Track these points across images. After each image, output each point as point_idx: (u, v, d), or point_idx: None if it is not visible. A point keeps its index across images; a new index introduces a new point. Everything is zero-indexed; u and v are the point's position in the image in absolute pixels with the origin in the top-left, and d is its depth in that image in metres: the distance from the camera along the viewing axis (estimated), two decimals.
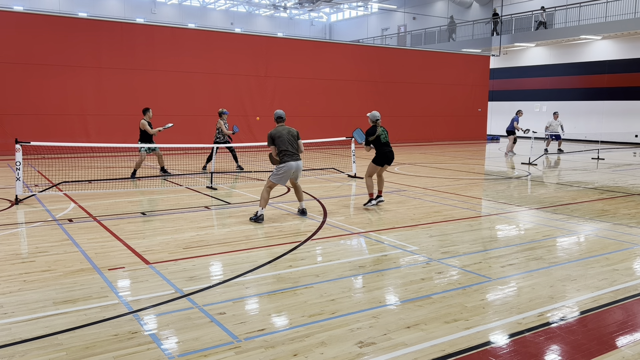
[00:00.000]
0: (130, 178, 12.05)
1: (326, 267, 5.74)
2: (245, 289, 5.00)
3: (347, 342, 3.87)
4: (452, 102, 27.19)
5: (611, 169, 15.99)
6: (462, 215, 8.64)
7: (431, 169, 15.27)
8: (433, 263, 5.89)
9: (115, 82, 19.01)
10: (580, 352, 3.79)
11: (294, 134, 8.14)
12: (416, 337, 3.96)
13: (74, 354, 3.65)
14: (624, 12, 26.13)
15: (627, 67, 27.21)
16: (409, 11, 39.25)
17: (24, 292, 4.84)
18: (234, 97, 21.25)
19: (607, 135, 25.51)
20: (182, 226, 7.60)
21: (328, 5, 42.05)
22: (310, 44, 24.60)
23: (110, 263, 5.76)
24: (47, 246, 6.44)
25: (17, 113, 17.51)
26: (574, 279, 5.39)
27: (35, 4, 32.75)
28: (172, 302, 4.63)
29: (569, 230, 7.69)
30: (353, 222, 7.99)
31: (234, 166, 14.54)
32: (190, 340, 3.88)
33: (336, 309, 4.50)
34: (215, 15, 44.17)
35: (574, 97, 29.52)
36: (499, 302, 4.69)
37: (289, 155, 7.97)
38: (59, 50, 18.11)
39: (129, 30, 19.58)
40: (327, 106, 23.39)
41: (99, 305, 4.54)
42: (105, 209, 8.75)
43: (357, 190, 11.35)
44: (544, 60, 31.17)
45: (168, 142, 17.77)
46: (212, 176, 11.68)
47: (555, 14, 29.58)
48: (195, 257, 6.04)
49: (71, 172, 12.58)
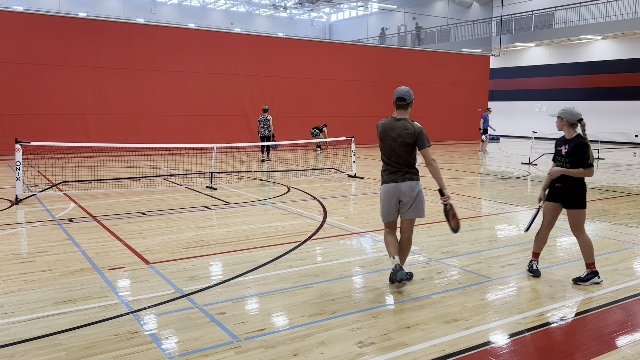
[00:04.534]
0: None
1: (326, 267, 5.74)
2: (245, 289, 5.00)
3: (347, 342, 3.86)
4: (452, 102, 27.19)
5: (611, 169, 15.98)
6: (462, 215, 8.63)
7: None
8: (433, 263, 5.88)
9: (115, 82, 19.02)
10: (580, 352, 3.78)
11: (411, 132, 4.85)
12: (416, 337, 3.96)
13: (74, 354, 3.65)
14: (624, 12, 26.13)
15: (627, 67, 27.21)
16: (409, 11, 39.25)
17: (24, 292, 4.84)
18: (234, 97, 21.26)
19: (607, 135, 25.49)
20: (182, 226, 7.60)
21: (328, 5, 42.04)
22: (310, 44, 24.60)
23: (110, 263, 5.76)
24: (47, 246, 6.44)
25: (17, 113, 17.51)
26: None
27: (35, 4, 32.74)
28: (172, 302, 4.62)
29: (569, 230, 7.67)
30: (353, 222, 7.99)
31: (234, 166, 14.54)
32: (190, 340, 3.88)
33: (336, 309, 4.50)
34: (215, 15, 44.16)
35: (574, 97, 29.50)
36: (499, 302, 4.69)
37: (388, 171, 5.03)
38: (59, 50, 18.11)
39: (129, 30, 19.58)
40: (327, 106, 23.38)
41: (99, 305, 4.54)
42: (105, 209, 8.75)
43: (357, 190, 11.35)
44: (544, 60, 31.17)
45: (168, 142, 17.83)
46: (212, 176, 11.67)
47: (555, 14, 29.58)
48: (195, 257, 6.03)
49: (71, 172, 12.57)
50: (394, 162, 4.96)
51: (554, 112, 5.52)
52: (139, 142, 17.64)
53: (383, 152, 5.04)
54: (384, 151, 5.03)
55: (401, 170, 4.94)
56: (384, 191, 5.00)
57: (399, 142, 4.89)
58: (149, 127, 19.37)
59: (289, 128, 21.49)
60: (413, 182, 4.94)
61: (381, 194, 5.04)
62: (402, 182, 4.91)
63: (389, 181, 4.97)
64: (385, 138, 4.97)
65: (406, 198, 4.90)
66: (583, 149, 5.05)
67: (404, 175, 4.93)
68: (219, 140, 19.13)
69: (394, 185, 4.92)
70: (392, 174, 4.97)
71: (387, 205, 4.99)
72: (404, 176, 4.93)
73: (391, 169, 4.99)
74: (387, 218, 5.05)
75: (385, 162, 5.07)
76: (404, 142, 4.87)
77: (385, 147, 4.99)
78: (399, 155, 4.92)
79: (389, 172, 5.00)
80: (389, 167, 5.01)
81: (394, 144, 4.91)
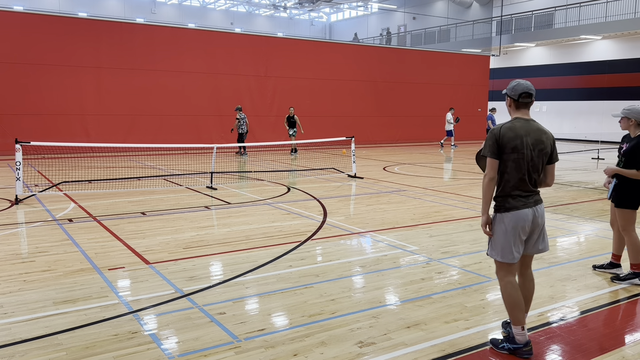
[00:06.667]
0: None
1: (326, 267, 5.74)
2: (245, 289, 5.00)
3: (347, 342, 3.86)
4: (452, 102, 27.16)
5: None
6: (462, 215, 8.63)
7: (431, 169, 15.26)
8: (433, 263, 5.88)
9: (115, 82, 19.02)
10: (580, 352, 3.78)
11: (549, 139, 3.74)
12: (416, 337, 3.96)
13: (74, 354, 3.65)
14: (624, 12, 26.13)
15: (627, 67, 27.21)
16: (409, 11, 39.25)
17: (24, 292, 4.84)
18: (234, 97, 21.25)
19: (607, 135, 25.48)
20: (182, 226, 7.60)
21: (328, 5, 42.03)
22: (310, 44, 24.60)
23: (110, 263, 5.76)
24: (47, 246, 6.44)
25: (17, 113, 17.51)
26: (574, 279, 5.39)
27: (35, 4, 32.73)
28: (172, 302, 4.62)
29: (569, 230, 7.68)
30: (353, 222, 7.99)
31: (234, 166, 14.54)
32: (190, 340, 3.88)
33: (336, 309, 4.49)
34: (215, 15, 44.15)
35: (574, 97, 29.52)
36: (499, 302, 4.69)
37: (520, 194, 3.69)
38: (59, 50, 18.11)
39: (129, 30, 19.58)
40: (327, 106, 23.39)
41: (99, 305, 4.54)
42: (105, 209, 8.75)
43: (357, 190, 11.35)
44: (544, 60, 31.18)
45: (168, 142, 17.82)
46: (212, 176, 11.67)
47: (555, 14, 29.58)
48: (195, 257, 6.03)
49: (71, 172, 12.57)
50: (528, 182, 3.67)
51: (616, 112, 5.31)
52: (139, 142, 17.63)
53: (511, 167, 3.64)
54: (514, 165, 3.64)
55: (534, 193, 3.74)
56: (514, 220, 3.65)
57: (538, 151, 3.67)
58: (149, 127, 19.37)
59: None
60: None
61: (507, 224, 3.67)
62: (535, 206, 3.70)
63: (520, 206, 3.66)
64: (520, 147, 3.61)
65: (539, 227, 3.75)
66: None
67: (536, 197, 3.75)
68: (219, 140, 19.13)
69: (529, 211, 3.67)
70: (525, 197, 3.68)
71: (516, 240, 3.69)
72: (536, 198, 3.74)
73: (524, 192, 3.68)
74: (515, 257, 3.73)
75: (511, 185, 3.67)
76: (544, 151, 3.69)
77: (519, 159, 3.62)
78: (535, 170, 3.69)
79: (520, 196, 3.68)
80: (522, 190, 3.68)
81: (532, 153, 3.64)
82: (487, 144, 3.69)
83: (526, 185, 3.66)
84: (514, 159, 3.62)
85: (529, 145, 3.62)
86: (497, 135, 3.64)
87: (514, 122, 3.69)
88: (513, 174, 3.64)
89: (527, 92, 3.68)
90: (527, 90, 3.69)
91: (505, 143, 3.61)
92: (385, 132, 25.35)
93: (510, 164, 3.63)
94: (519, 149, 3.60)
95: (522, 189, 3.66)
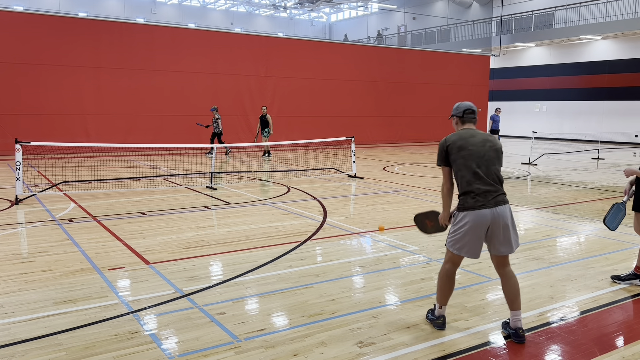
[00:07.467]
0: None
1: (326, 267, 5.74)
2: (245, 289, 5.00)
3: (347, 342, 3.86)
4: (452, 102, 26.96)
5: (611, 169, 15.98)
6: None
7: (431, 169, 15.26)
8: (433, 263, 5.88)
9: (115, 82, 19.02)
10: (580, 352, 3.78)
11: (497, 147, 3.93)
12: (416, 337, 3.96)
13: (74, 354, 3.65)
14: (624, 12, 26.14)
15: (627, 67, 27.22)
16: (409, 11, 39.25)
17: (24, 292, 4.84)
18: (234, 97, 21.26)
19: (607, 135, 25.50)
20: (182, 226, 7.60)
21: (328, 5, 42.03)
22: (310, 44, 24.60)
23: (110, 263, 5.76)
24: (47, 246, 6.44)
25: (17, 113, 17.51)
26: (574, 279, 5.38)
27: (35, 4, 32.73)
28: (172, 302, 4.62)
29: (569, 230, 7.69)
30: (353, 222, 7.99)
31: (234, 166, 14.54)
32: (190, 340, 3.88)
33: (336, 309, 4.49)
34: (215, 15, 44.15)
35: (574, 97, 29.52)
36: (499, 302, 4.68)
37: (479, 192, 3.80)
38: (59, 50, 18.12)
39: (129, 30, 19.58)
40: (327, 106, 23.39)
41: (99, 305, 4.54)
42: (105, 209, 8.75)
43: (357, 190, 11.35)
44: (544, 60, 31.18)
45: (168, 142, 17.82)
46: (212, 176, 11.67)
47: (555, 14, 29.59)
48: (195, 257, 6.03)
49: (71, 172, 12.57)
50: (484, 177, 3.81)
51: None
52: (139, 142, 17.63)
53: (466, 165, 3.83)
54: (468, 163, 3.82)
55: (496, 192, 3.84)
56: (473, 220, 3.78)
57: (488, 147, 3.88)
58: (149, 127, 19.36)
59: (289, 128, 21.48)
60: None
61: (467, 224, 3.80)
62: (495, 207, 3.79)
63: (478, 206, 3.77)
64: (466, 145, 3.85)
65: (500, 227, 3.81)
66: None
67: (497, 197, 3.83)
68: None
69: (487, 211, 3.77)
70: (483, 197, 3.78)
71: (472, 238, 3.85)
72: (497, 199, 3.82)
73: (483, 189, 3.79)
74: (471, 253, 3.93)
75: (467, 181, 3.83)
76: (495, 147, 3.91)
77: (469, 155, 3.82)
78: (491, 162, 3.87)
79: (479, 195, 3.78)
80: (480, 186, 3.79)
81: (483, 148, 3.86)
82: (438, 155, 4.00)
83: (482, 179, 3.81)
84: (462, 156, 3.85)
85: (476, 143, 3.87)
86: (443, 144, 3.96)
87: (460, 132, 3.99)
88: (464, 170, 3.85)
89: (470, 109, 4.03)
90: (470, 107, 4.04)
91: (451, 147, 3.90)
92: (385, 132, 25.35)
93: (460, 160, 3.86)
94: (465, 147, 3.85)
95: (480, 184, 3.80)
